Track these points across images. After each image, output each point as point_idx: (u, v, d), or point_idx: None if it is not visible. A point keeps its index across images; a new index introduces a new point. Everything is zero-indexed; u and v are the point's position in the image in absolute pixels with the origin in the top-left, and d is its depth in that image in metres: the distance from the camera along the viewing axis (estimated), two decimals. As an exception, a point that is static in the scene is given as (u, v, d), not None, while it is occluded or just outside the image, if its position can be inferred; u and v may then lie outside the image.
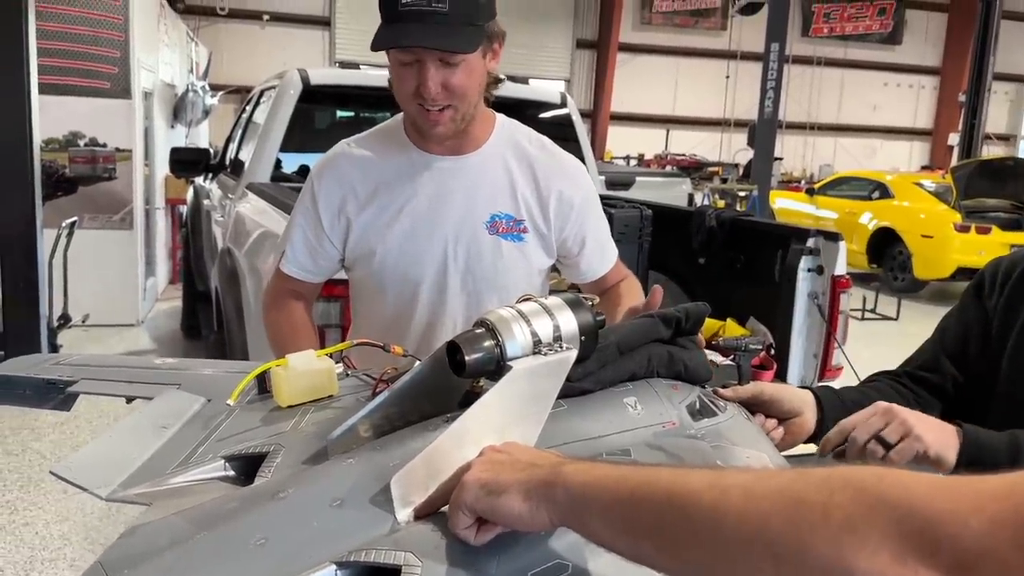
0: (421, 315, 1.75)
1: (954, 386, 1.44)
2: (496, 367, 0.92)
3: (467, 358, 0.92)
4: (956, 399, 1.43)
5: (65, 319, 5.84)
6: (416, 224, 1.69)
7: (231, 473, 0.99)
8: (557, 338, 0.95)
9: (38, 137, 5.00)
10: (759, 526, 0.54)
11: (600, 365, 1.04)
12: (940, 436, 1.09)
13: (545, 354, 0.93)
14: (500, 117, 1.77)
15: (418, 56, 1.50)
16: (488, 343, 0.92)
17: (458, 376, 0.94)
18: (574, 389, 1.01)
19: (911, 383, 1.45)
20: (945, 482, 0.50)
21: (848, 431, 1.15)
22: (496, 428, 0.88)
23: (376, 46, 1.50)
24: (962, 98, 15.05)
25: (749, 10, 16.37)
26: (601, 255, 1.85)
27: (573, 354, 0.94)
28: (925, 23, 21.55)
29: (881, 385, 1.45)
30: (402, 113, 1.72)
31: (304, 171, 4.93)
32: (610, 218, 3.77)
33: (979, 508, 0.46)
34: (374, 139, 1.77)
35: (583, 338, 0.97)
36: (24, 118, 4.81)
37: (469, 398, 1.00)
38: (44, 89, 5.17)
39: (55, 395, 1.42)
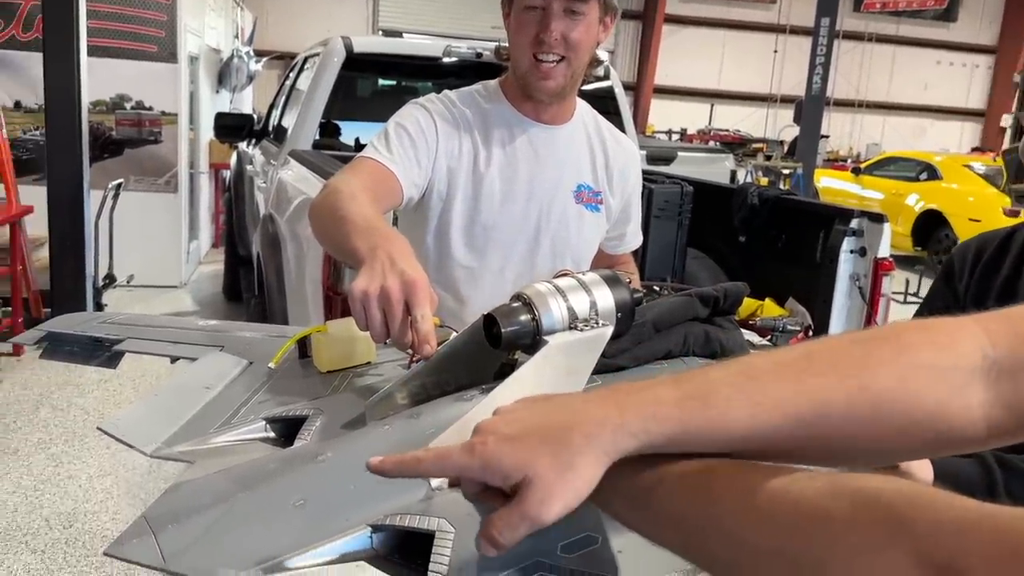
0: (508, 272, 1.75)
1: None
2: (532, 341, 0.93)
3: (503, 331, 0.93)
4: None
5: (110, 279, 5.97)
6: (514, 187, 1.73)
7: (271, 435, 1.01)
8: (594, 314, 0.96)
9: (86, 99, 5.07)
10: (783, 539, 0.54)
11: (636, 342, 1.05)
12: (922, 467, 1.06)
13: (581, 329, 0.94)
14: (579, 99, 1.83)
15: (546, 3, 1.56)
16: (524, 317, 0.93)
17: (494, 348, 0.95)
18: (609, 366, 1.02)
19: None
20: (971, 512, 0.48)
21: None
22: (530, 401, 0.89)
23: None
24: (1017, 78, 14.60)
25: (800, -17, 16.01)
26: (636, 232, 1.99)
27: (609, 330, 0.95)
28: (982, 0, 20.92)
29: None
30: (497, 80, 1.77)
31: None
32: (650, 194, 3.75)
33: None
34: (469, 96, 1.77)
35: (619, 315, 0.98)
36: (73, 80, 4.88)
37: (504, 370, 1.01)
38: (92, 51, 5.23)
39: (101, 353, 1.46)
